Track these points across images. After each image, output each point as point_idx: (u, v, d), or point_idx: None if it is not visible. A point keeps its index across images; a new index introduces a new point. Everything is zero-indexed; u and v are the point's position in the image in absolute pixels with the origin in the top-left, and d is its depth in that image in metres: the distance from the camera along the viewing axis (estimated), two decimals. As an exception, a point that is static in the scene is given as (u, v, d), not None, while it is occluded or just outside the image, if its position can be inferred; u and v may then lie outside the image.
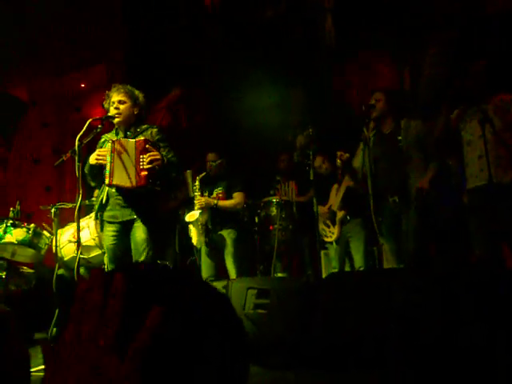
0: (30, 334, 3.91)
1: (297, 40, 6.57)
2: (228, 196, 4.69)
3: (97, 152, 3.32)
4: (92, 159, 3.31)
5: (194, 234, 4.46)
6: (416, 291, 2.44)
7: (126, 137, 3.38)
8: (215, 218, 4.59)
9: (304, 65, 6.41)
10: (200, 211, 4.45)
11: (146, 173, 3.14)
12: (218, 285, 3.62)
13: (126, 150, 3.21)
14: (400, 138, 3.72)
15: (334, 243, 4.67)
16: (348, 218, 4.60)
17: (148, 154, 3.16)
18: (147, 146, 3.19)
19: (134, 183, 3.17)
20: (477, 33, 5.05)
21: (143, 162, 3.15)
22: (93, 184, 3.46)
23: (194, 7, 7.28)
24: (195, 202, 4.52)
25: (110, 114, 3.35)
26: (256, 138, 6.50)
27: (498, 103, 3.43)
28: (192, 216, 4.45)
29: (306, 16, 6.48)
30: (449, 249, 4.67)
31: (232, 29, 6.97)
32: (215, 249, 4.62)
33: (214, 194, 4.66)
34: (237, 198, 4.69)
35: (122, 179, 3.20)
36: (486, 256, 3.42)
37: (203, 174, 4.63)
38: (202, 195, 4.58)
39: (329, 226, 4.68)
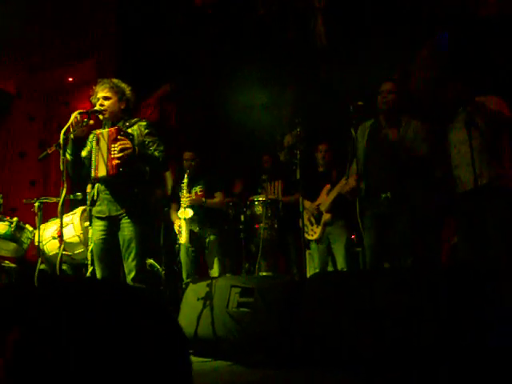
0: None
1: (288, 39, 6.57)
2: (207, 194, 4.71)
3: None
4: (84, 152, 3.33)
5: (184, 232, 4.42)
6: (397, 291, 2.45)
7: None
8: (198, 217, 4.58)
9: (295, 64, 6.42)
10: (191, 209, 4.43)
11: (116, 161, 3.12)
12: (202, 283, 3.60)
13: (103, 140, 3.21)
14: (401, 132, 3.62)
15: (315, 243, 4.68)
16: (333, 221, 4.61)
17: (118, 143, 3.14)
18: (119, 135, 3.17)
19: (106, 172, 3.16)
20: (469, 36, 5.08)
21: (114, 150, 3.14)
22: (71, 174, 3.39)
23: (186, 4, 7.25)
24: (184, 199, 4.50)
25: (95, 109, 3.32)
26: (245, 136, 6.50)
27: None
28: (186, 213, 4.42)
29: (297, 15, 6.48)
30: (433, 251, 4.71)
31: (224, 27, 6.95)
32: (197, 247, 4.64)
33: (193, 192, 4.66)
34: (219, 197, 4.76)
35: (100, 170, 3.19)
36: (468, 259, 3.45)
37: (188, 171, 4.63)
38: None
39: (312, 224, 4.68)
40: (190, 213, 4.42)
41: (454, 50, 5.21)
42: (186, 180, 4.56)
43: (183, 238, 4.43)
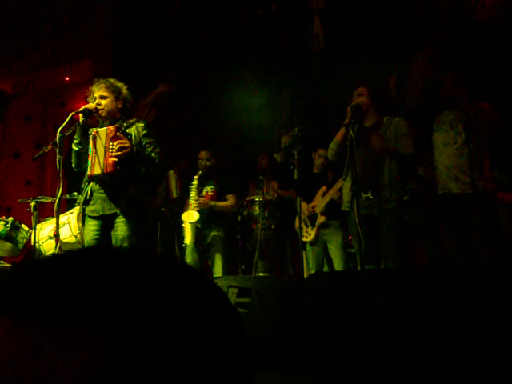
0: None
1: (286, 41, 6.58)
2: (219, 196, 4.64)
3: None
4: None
5: (189, 233, 4.38)
6: (394, 291, 2.44)
7: None
8: (205, 217, 4.53)
9: (292, 65, 6.42)
10: (198, 212, 4.39)
11: (114, 159, 3.10)
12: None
13: (100, 139, 3.19)
14: (380, 132, 3.65)
15: (309, 245, 4.66)
16: (328, 222, 4.60)
17: (117, 142, 3.12)
18: (118, 133, 3.16)
19: (102, 170, 3.15)
20: (467, 38, 5.10)
21: (112, 149, 3.12)
22: (74, 167, 3.36)
23: (184, 4, 7.25)
24: (192, 201, 4.44)
25: (91, 109, 3.30)
26: (242, 137, 6.49)
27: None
28: (192, 217, 4.37)
29: (295, 17, 6.49)
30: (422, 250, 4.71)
31: (221, 27, 6.95)
32: (201, 247, 4.58)
33: (204, 192, 4.61)
34: (231, 199, 4.66)
35: (96, 168, 3.17)
36: (458, 257, 3.45)
37: (199, 172, 4.57)
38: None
39: (307, 226, 4.66)
40: (195, 216, 4.37)
41: (450, 52, 5.22)
42: (195, 182, 4.51)
43: (187, 239, 4.40)
